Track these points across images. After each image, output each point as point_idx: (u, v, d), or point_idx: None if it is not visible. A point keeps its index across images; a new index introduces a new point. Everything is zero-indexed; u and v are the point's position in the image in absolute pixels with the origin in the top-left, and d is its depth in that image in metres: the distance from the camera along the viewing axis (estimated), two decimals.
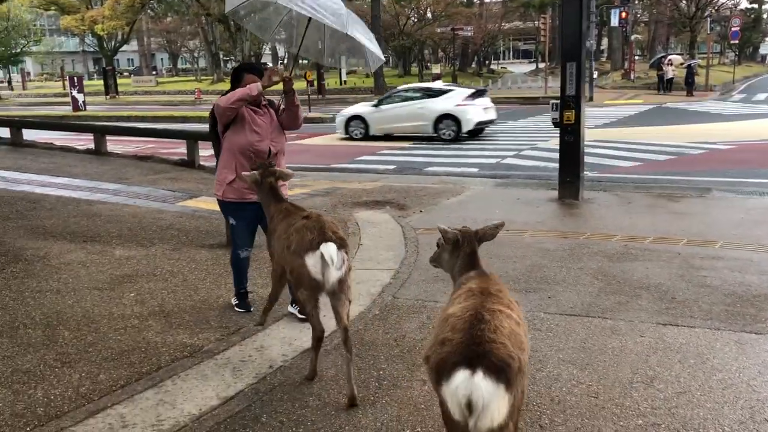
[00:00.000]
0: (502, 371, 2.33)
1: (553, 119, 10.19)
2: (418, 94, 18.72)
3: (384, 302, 5.68)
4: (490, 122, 18.62)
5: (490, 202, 9.92)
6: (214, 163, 5.89)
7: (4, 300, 5.71)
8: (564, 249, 7.18)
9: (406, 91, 19.57)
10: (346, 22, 5.07)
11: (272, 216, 4.54)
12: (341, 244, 3.95)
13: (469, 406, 2.28)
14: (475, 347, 2.40)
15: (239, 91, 4.98)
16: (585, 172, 10.15)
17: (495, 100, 33.23)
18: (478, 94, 18.49)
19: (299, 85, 42.07)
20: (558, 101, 9.94)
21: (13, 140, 15.21)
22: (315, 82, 38.62)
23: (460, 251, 3.32)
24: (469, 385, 2.30)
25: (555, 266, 6.53)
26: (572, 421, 3.64)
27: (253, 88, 4.93)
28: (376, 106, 19.07)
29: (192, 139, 13.15)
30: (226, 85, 41.02)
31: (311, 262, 3.90)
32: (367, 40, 5.40)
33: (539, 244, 7.47)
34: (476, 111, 17.70)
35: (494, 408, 2.28)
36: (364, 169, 13.74)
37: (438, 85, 20.65)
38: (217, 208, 9.52)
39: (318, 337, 4.21)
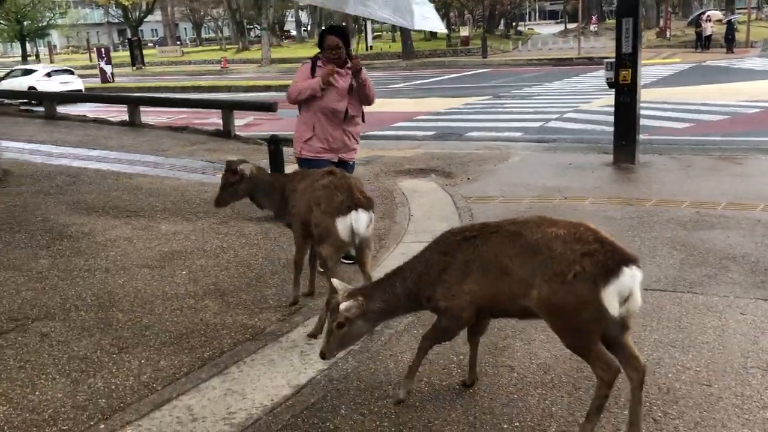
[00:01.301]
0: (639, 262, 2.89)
1: (607, 79, 9.61)
2: (19, 72, 25.82)
3: None
4: (76, 91, 22.70)
5: (541, 168, 9.49)
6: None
7: (53, 280, 5.49)
8: (631, 217, 6.76)
9: (19, 69, 26.72)
10: None
11: (285, 184, 4.84)
12: (369, 205, 4.28)
13: (628, 297, 2.82)
14: (616, 251, 2.87)
15: (306, 86, 5.29)
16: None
17: (526, 62, 32.55)
18: (58, 72, 24.95)
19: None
20: (613, 60, 9.39)
21: (48, 113, 15.03)
22: None
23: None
24: (633, 278, 2.82)
25: (626, 236, 6.12)
26: (689, 414, 3.29)
27: (316, 87, 5.22)
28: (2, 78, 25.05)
29: (227, 108, 12.84)
30: (251, 54, 40.66)
31: (341, 226, 4.19)
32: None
33: (602, 212, 7.06)
34: (53, 85, 23.20)
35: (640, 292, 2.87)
36: (402, 136, 13.32)
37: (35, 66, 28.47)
38: None
39: (331, 298, 4.06)
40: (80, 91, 22.88)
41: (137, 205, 7.85)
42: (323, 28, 6.74)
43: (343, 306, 3.25)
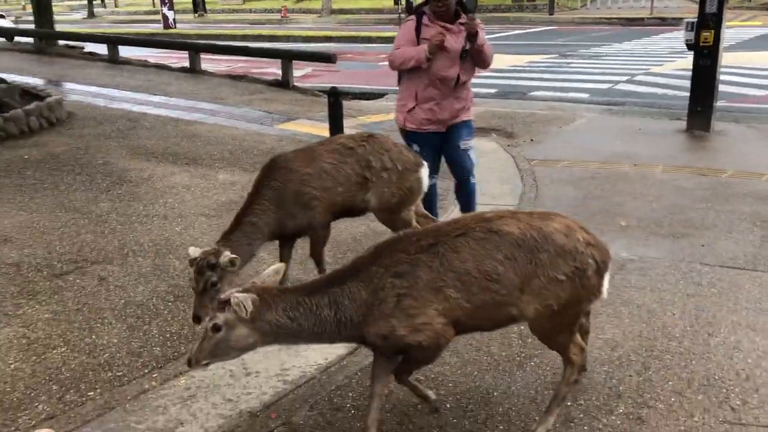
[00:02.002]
0: None
1: (686, 40, 9.03)
2: None
3: None
4: None
5: (608, 132, 9.07)
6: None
7: (112, 224, 5.51)
8: (705, 188, 6.39)
9: None
10: None
11: (287, 179, 4.01)
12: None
13: None
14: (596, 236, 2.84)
15: (409, 56, 4.55)
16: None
17: (595, 21, 31.27)
18: None
19: (385, 2, 40.76)
20: (693, 20, 8.82)
21: (110, 57, 15.16)
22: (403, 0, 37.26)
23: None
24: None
25: (700, 208, 5.79)
26: None
27: (422, 58, 4.50)
28: None
29: (287, 58, 12.68)
30: (311, 3, 40.02)
31: (424, 174, 4.21)
32: None
33: (674, 181, 6.70)
34: None
35: None
36: None
37: None
38: (316, 131, 9.21)
39: None
40: None
41: (195, 152, 7.83)
42: None
43: (229, 301, 2.55)
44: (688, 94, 9.12)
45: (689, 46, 8.93)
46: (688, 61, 8.99)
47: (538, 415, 3.04)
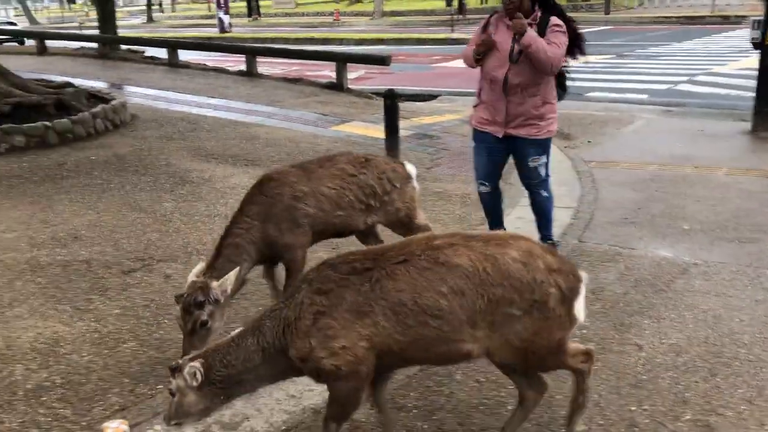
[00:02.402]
0: None
1: (752, 39, 8.78)
2: None
3: (568, 246, 5.10)
4: None
5: (668, 134, 8.88)
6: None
7: (176, 223, 5.67)
8: None
9: None
10: None
11: (273, 203, 3.72)
12: None
13: None
14: (563, 257, 2.66)
15: (465, 55, 4.59)
16: None
17: (653, 20, 30.59)
18: None
19: (437, 3, 40.66)
20: (760, 18, 8.56)
21: (170, 61, 15.58)
22: (455, 1, 37.14)
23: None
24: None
25: None
26: None
27: (470, 56, 4.51)
28: None
29: (341, 61, 12.81)
30: (363, 6, 40.37)
31: (416, 182, 4.22)
32: None
33: (739, 184, 6.51)
34: None
35: None
36: None
37: None
38: (370, 133, 9.29)
39: None
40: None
41: (254, 154, 7.99)
42: None
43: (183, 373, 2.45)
44: (752, 94, 8.87)
45: (755, 45, 8.67)
46: (752, 60, 8.71)
47: (602, 419, 3.01)
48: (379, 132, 8.84)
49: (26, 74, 10.95)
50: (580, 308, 2.54)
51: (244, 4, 47.19)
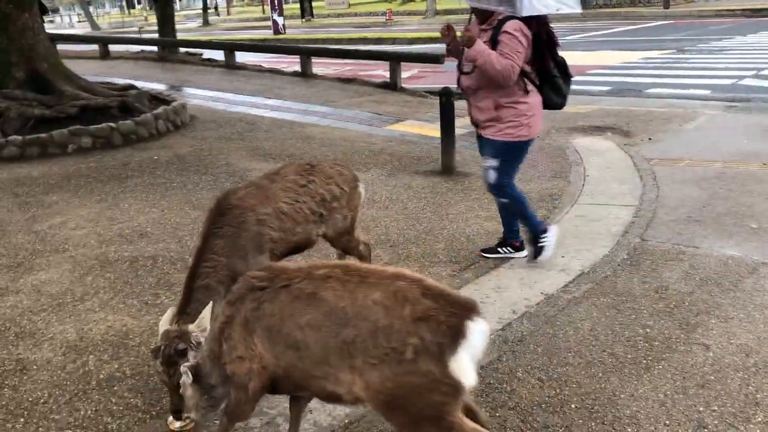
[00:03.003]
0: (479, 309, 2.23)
1: None
2: None
3: (631, 245, 5.01)
4: None
5: (733, 130, 8.59)
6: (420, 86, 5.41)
7: None
8: None
9: None
10: None
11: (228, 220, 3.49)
12: None
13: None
14: (454, 304, 2.20)
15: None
16: None
17: (715, 13, 29.65)
18: None
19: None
20: None
21: (227, 62, 15.90)
22: None
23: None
24: (482, 333, 2.17)
25: None
26: None
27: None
28: None
29: (395, 60, 12.84)
30: (416, 5, 40.18)
31: (362, 187, 4.03)
32: None
33: None
34: None
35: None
36: (574, 91, 12.52)
37: None
38: (425, 132, 9.30)
39: None
40: None
41: (311, 153, 8.09)
42: None
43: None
44: None
45: None
46: None
47: (668, 420, 2.95)
48: (433, 131, 8.84)
49: (91, 77, 11.36)
50: (462, 368, 2.12)
51: (297, 5, 47.73)
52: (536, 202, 6.12)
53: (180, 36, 21.32)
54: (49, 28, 26.09)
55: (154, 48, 18.77)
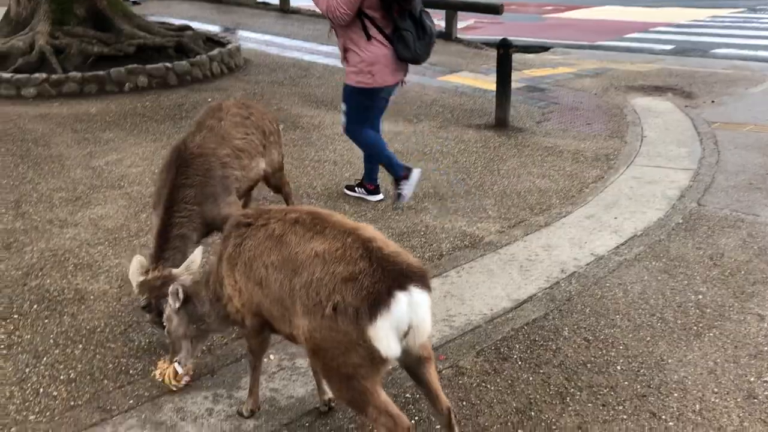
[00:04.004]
0: (426, 278, 2.18)
1: None
2: None
3: (687, 209, 4.88)
4: None
5: None
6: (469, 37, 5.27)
7: (287, 167, 5.75)
8: None
9: None
10: None
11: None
12: None
13: (408, 330, 2.11)
14: (388, 270, 2.13)
15: None
16: None
17: None
18: None
19: None
20: None
21: (281, 6, 15.77)
22: None
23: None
24: (411, 306, 2.08)
25: None
26: None
27: None
28: None
29: (452, 9, 12.54)
30: None
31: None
32: None
33: None
34: None
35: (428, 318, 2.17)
36: (635, 48, 12.22)
37: None
38: (479, 84, 9.13)
39: None
40: None
41: None
42: None
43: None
44: None
45: None
46: None
47: (717, 387, 2.91)
48: (488, 83, 8.68)
49: (148, 17, 11.42)
50: (379, 337, 2.06)
51: None
52: (590, 161, 6.00)
53: None
54: None
55: None
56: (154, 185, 3.47)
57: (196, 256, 3.03)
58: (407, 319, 2.08)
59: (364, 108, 4.83)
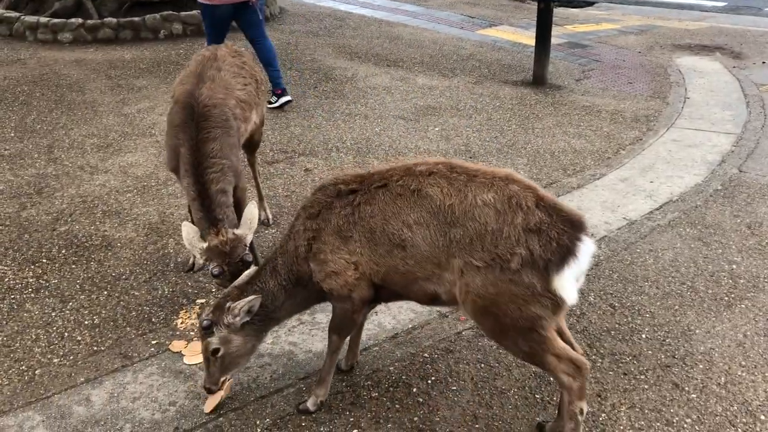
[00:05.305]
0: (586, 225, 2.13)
1: None
2: None
3: (727, 175, 4.71)
4: None
5: None
6: None
7: (318, 120, 5.77)
8: None
9: None
10: None
11: None
12: None
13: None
14: (567, 219, 2.10)
15: None
16: None
17: None
18: None
19: None
20: None
21: None
22: None
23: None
24: (589, 254, 2.08)
25: None
26: None
27: None
28: None
29: None
30: None
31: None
32: None
33: None
34: None
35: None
36: (684, 5, 11.73)
37: None
38: (518, 39, 8.87)
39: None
40: None
41: (397, 55, 7.89)
42: None
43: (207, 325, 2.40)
44: None
45: None
46: None
47: (744, 360, 2.83)
48: (528, 38, 8.44)
49: None
50: (565, 286, 2.04)
51: None
52: (629, 122, 5.81)
53: None
54: None
55: None
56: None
57: (253, 213, 2.92)
58: (586, 268, 2.08)
59: (206, 24, 5.75)
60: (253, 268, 2.67)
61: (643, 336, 3.00)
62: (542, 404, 2.61)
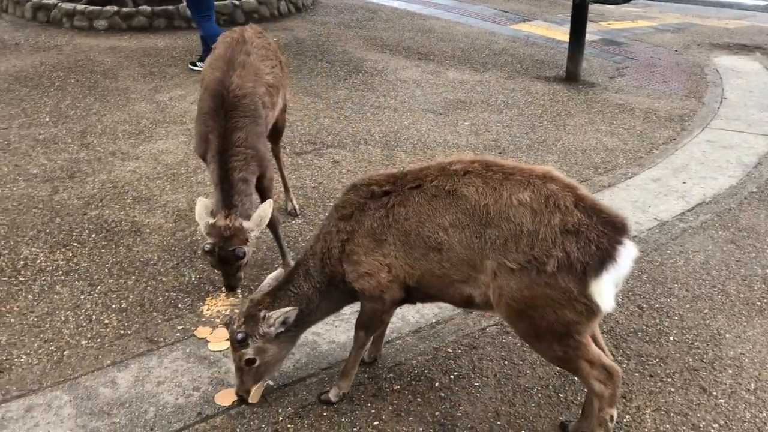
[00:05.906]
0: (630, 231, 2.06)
1: None
2: None
3: (763, 178, 4.61)
4: None
5: None
6: None
7: (347, 112, 5.77)
8: None
9: None
10: None
11: None
12: None
13: None
14: (607, 222, 2.02)
15: None
16: None
17: None
18: None
19: None
20: None
21: None
22: None
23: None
24: (630, 259, 2.01)
25: None
26: None
27: None
28: None
29: None
30: None
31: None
32: None
33: None
34: None
35: None
36: (724, 3, 11.49)
37: None
38: (552, 35, 8.77)
39: None
40: None
41: (428, 48, 7.85)
42: None
43: (241, 335, 2.38)
44: None
45: None
46: None
47: None
48: (562, 34, 8.34)
49: None
50: (602, 291, 1.97)
51: None
52: (663, 121, 5.71)
53: None
54: None
55: None
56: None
57: (266, 211, 2.95)
58: (626, 273, 2.00)
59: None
60: (280, 271, 2.67)
61: (671, 338, 2.95)
62: (566, 403, 2.58)
